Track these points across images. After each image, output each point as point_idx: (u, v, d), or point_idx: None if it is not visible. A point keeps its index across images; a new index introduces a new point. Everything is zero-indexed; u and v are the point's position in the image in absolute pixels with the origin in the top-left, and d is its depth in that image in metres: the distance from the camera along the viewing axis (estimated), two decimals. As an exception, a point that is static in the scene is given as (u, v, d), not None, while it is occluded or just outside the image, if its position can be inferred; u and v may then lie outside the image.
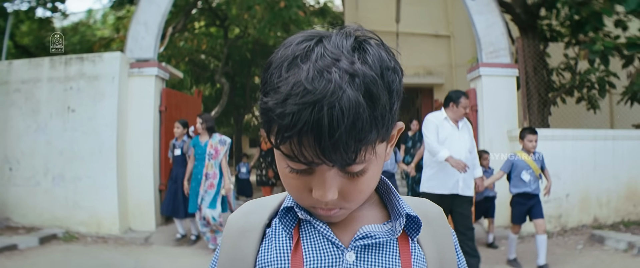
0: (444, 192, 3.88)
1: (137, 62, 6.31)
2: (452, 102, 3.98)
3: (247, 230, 0.70)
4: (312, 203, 0.62)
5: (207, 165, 5.00)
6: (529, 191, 4.35)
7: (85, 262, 4.71)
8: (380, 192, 0.72)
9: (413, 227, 0.67)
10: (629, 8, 5.63)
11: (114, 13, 12.73)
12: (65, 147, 5.98)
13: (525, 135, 4.43)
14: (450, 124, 3.97)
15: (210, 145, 5.02)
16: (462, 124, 4.02)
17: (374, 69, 0.56)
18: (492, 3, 6.35)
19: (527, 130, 4.47)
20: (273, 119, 0.55)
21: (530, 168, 4.34)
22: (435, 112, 4.14)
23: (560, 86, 7.40)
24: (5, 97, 6.22)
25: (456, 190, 3.89)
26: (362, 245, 0.64)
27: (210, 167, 4.99)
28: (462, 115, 3.97)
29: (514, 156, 4.46)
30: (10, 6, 9.08)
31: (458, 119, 3.98)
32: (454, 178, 3.87)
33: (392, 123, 0.59)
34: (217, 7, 12.51)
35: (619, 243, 5.04)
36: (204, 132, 5.09)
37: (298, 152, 0.55)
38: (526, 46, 6.57)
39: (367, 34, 0.61)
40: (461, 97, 3.94)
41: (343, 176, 0.59)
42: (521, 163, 4.37)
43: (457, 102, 3.94)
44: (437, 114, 4.08)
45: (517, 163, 4.40)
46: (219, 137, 5.05)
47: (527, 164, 4.35)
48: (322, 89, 0.52)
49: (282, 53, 0.58)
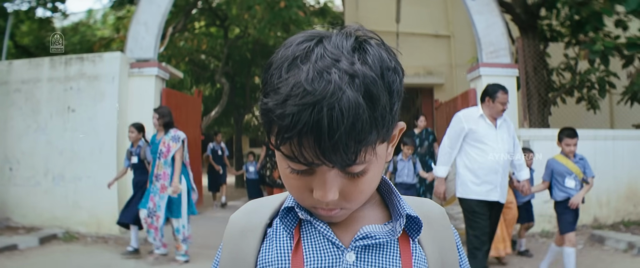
0: (482, 198, 3.50)
1: (137, 62, 6.31)
2: (487, 96, 3.53)
3: (248, 230, 0.70)
4: (313, 204, 0.62)
5: (157, 165, 4.51)
6: None
7: (85, 262, 4.71)
8: (382, 192, 0.72)
9: (414, 227, 0.67)
10: (629, 8, 5.63)
11: (114, 13, 12.72)
12: (65, 147, 5.99)
13: (562, 138, 3.94)
14: (487, 122, 3.52)
15: (162, 142, 4.56)
16: (501, 121, 3.57)
17: (374, 70, 0.55)
18: (492, 3, 6.35)
19: (565, 133, 3.95)
20: (273, 119, 0.55)
21: (573, 173, 3.88)
22: (470, 108, 3.70)
23: (560, 86, 7.41)
24: (5, 97, 6.22)
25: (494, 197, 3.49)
26: (363, 245, 0.64)
27: (160, 167, 4.50)
28: (499, 111, 3.51)
29: (553, 161, 4.00)
30: (10, 6, 9.08)
31: (495, 115, 3.52)
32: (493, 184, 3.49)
33: (393, 123, 0.59)
34: (217, 7, 12.50)
35: (619, 244, 5.04)
36: (161, 128, 4.65)
37: (298, 153, 0.55)
38: (526, 46, 6.57)
39: (367, 33, 0.61)
40: (498, 91, 3.48)
41: (344, 176, 0.59)
42: (561, 168, 3.91)
43: (493, 97, 3.49)
44: (472, 111, 3.61)
45: (557, 169, 3.93)
46: (173, 133, 4.59)
47: (569, 169, 3.88)
48: (321, 89, 0.52)
49: (283, 53, 0.59)
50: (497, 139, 3.50)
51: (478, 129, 3.49)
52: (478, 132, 3.49)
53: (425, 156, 6.95)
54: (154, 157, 4.58)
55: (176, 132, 4.61)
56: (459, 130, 3.54)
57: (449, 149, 3.59)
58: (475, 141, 3.50)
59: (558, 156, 4.00)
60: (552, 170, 3.96)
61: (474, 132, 3.50)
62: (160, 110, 4.74)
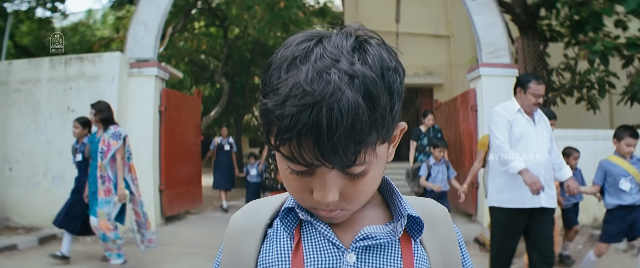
0: (521, 206, 3.05)
1: (137, 62, 6.31)
2: (519, 87, 3.16)
3: (249, 230, 0.70)
4: (313, 205, 0.62)
5: (99, 166, 4.10)
6: (633, 202, 3.53)
7: (85, 262, 4.71)
8: (383, 193, 0.71)
9: (415, 227, 0.66)
10: (629, 8, 5.63)
11: (113, 13, 12.73)
12: (65, 147, 5.98)
13: (622, 137, 3.59)
14: (525, 118, 3.13)
15: (102, 140, 4.14)
16: (539, 116, 3.19)
17: (374, 70, 0.55)
18: (492, 3, 6.35)
19: (627, 133, 3.60)
20: (272, 120, 0.55)
21: (630, 175, 3.54)
22: (505, 103, 3.27)
23: (560, 86, 7.40)
24: (5, 97, 6.22)
25: (537, 202, 3.03)
26: (363, 246, 0.64)
27: (103, 168, 4.10)
28: (532, 104, 3.12)
29: (606, 162, 3.67)
30: (10, 6, 9.08)
31: (529, 109, 3.14)
32: None
33: (393, 124, 0.59)
34: (217, 7, 12.51)
35: (619, 244, 5.04)
36: (99, 125, 4.25)
37: (297, 153, 0.55)
38: (526, 46, 6.57)
39: (368, 33, 0.60)
40: (531, 81, 3.10)
41: (344, 177, 0.59)
42: (616, 170, 3.58)
43: (525, 87, 3.11)
44: (508, 105, 3.21)
45: (611, 170, 3.60)
46: (114, 130, 4.17)
47: (625, 170, 3.56)
48: (320, 90, 0.52)
49: (282, 54, 0.58)
50: (538, 137, 3.11)
51: (518, 126, 3.10)
52: (517, 129, 3.09)
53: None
54: (94, 157, 4.21)
55: (117, 128, 4.21)
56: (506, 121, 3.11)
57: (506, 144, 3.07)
58: (514, 139, 3.10)
59: (612, 156, 3.67)
60: (605, 173, 3.63)
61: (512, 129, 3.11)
62: (97, 105, 4.34)
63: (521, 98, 3.15)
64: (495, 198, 3.18)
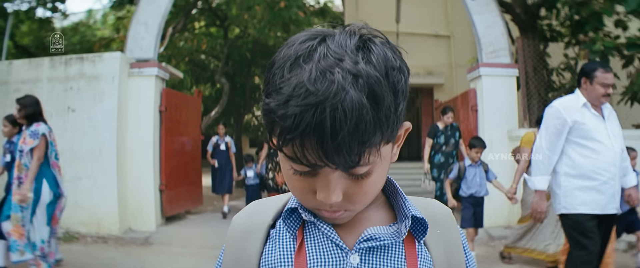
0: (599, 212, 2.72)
1: (137, 62, 6.31)
2: (583, 77, 2.78)
3: (251, 231, 0.69)
4: (317, 205, 0.61)
5: (17, 165, 3.72)
6: None
7: (85, 262, 4.71)
8: (387, 193, 0.71)
9: (419, 229, 0.66)
10: (629, 8, 5.63)
11: (114, 13, 12.74)
12: (65, 147, 5.96)
13: None
14: (593, 113, 2.73)
15: (22, 138, 3.78)
16: (608, 111, 2.80)
17: (379, 69, 0.54)
18: (492, 3, 6.35)
19: None
20: (275, 120, 0.54)
21: None
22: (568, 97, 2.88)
23: (560, 86, 7.41)
24: (5, 97, 6.21)
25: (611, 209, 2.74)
26: (367, 247, 0.63)
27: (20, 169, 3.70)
28: (600, 96, 2.71)
29: None
30: (10, 6, 9.08)
31: (597, 102, 2.74)
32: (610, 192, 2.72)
33: (398, 124, 0.58)
34: (217, 7, 12.51)
35: (619, 243, 5.03)
36: (23, 121, 3.91)
37: (301, 154, 0.54)
38: (526, 46, 6.57)
39: (372, 32, 0.59)
40: (597, 69, 2.74)
41: (347, 178, 0.58)
42: None
43: (590, 77, 2.73)
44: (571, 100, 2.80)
45: None
46: (34, 127, 3.78)
47: None
48: (324, 90, 0.51)
49: (285, 52, 0.58)
50: (609, 135, 2.73)
51: (585, 122, 2.70)
52: (585, 126, 2.69)
53: (451, 156, 6.11)
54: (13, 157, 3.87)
55: (39, 125, 3.81)
56: (559, 125, 2.72)
57: (548, 153, 2.77)
58: (581, 138, 2.71)
59: None
60: None
61: (579, 127, 2.70)
62: (23, 99, 3.98)
63: (587, 90, 2.75)
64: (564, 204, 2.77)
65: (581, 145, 2.72)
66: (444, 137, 6.07)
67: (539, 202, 2.75)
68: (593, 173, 2.68)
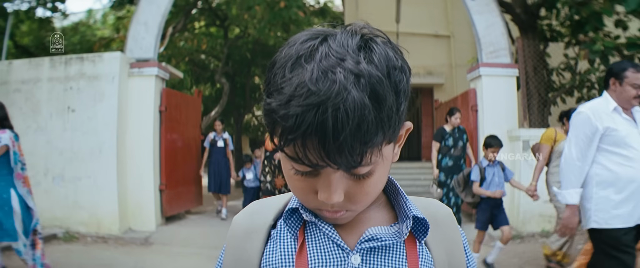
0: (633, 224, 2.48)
1: (137, 62, 6.31)
2: (612, 77, 2.53)
3: (252, 231, 0.69)
4: (318, 205, 0.61)
5: None
6: None
7: (85, 262, 4.70)
8: (388, 193, 0.71)
9: (421, 229, 0.66)
10: (629, 8, 5.63)
11: (114, 13, 12.74)
12: (65, 147, 5.98)
13: None
14: (624, 117, 2.50)
15: None
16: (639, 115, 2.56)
17: (380, 69, 0.54)
18: (492, 3, 6.35)
19: None
20: (276, 120, 0.54)
21: None
22: (596, 101, 2.62)
23: (560, 86, 7.41)
24: (5, 97, 6.21)
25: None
26: (368, 247, 0.63)
27: None
28: (631, 98, 2.48)
29: None
30: (10, 6, 9.08)
31: (628, 105, 2.51)
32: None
33: (399, 124, 0.58)
34: (217, 7, 12.51)
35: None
36: None
37: (302, 154, 0.54)
38: (526, 46, 6.57)
39: (373, 31, 0.59)
40: (627, 69, 2.50)
41: (349, 178, 0.58)
42: None
43: (620, 77, 2.49)
44: (600, 105, 2.55)
45: None
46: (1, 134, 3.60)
47: None
48: (326, 90, 0.51)
49: (286, 52, 0.57)
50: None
51: (617, 128, 2.47)
52: (617, 133, 2.47)
53: (459, 159, 5.82)
54: None
55: (5, 132, 3.66)
56: (590, 132, 2.50)
57: (579, 163, 2.53)
58: (613, 145, 2.48)
59: None
60: None
61: (611, 134, 2.48)
62: None
63: (617, 91, 2.50)
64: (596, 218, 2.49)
65: (614, 152, 2.50)
66: (452, 140, 5.81)
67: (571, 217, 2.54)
68: (629, 182, 2.44)
